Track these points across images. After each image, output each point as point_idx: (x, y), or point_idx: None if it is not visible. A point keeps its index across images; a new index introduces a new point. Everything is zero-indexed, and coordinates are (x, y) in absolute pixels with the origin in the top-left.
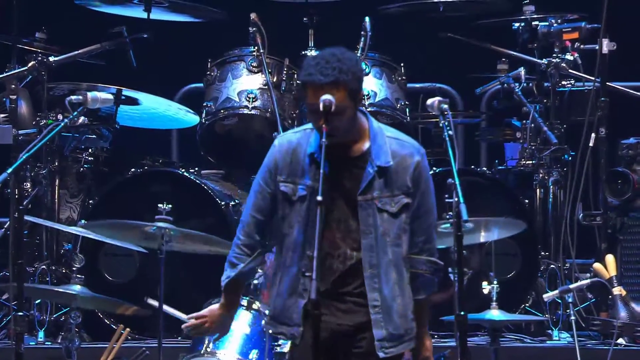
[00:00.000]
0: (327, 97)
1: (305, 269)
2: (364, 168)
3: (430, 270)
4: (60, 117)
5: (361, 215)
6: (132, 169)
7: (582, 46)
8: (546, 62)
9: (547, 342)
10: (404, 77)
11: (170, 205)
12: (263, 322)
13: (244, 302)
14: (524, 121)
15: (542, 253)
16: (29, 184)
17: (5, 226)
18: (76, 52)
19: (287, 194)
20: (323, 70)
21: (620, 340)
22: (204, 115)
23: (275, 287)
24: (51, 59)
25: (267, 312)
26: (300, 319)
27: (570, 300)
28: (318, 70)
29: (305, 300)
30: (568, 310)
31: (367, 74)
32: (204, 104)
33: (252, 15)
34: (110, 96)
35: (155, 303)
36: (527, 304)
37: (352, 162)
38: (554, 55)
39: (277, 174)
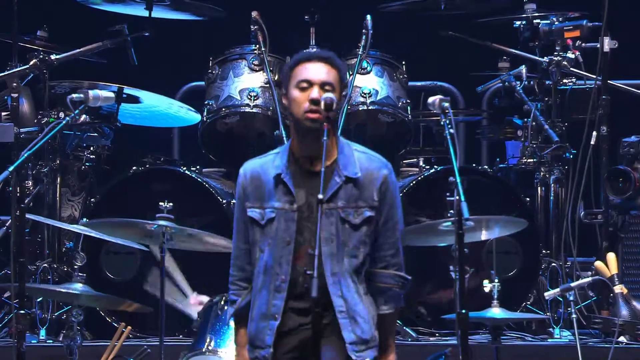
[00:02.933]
0: (329, 95)
1: (277, 290)
2: (329, 179)
3: (398, 284)
4: (61, 115)
5: (324, 222)
6: (134, 167)
7: (583, 44)
8: (547, 60)
9: (549, 340)
10: (405, 75)
11: (171, 204)
12: None
13: None
14: (525, 119)
15: (544, 251)
16: (30, 182)
17: (7, 224)
18: (77, 50)
19: (255, 220)
20: (321, 51)
21: (622, 339)
22: (205, 113)
23: (249, 313)
24: (52, 57)
25: None
26: (272, 340)
27: (571, 298)
28: (315, 51)
29: (276, 322)
30: (569, 309)
31: (368, 72)
32: (205, 102)
33: (254, 14)
34: (112, 94)
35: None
36: (529, 302)
37: (317, 175)
38: (555, 53)
39: (245, 201)
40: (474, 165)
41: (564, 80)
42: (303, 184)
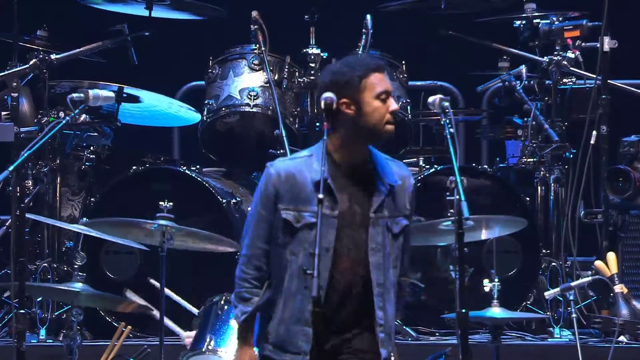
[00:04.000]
0: (328, 94)
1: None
2: (373, 186)
3: (411, 292)
4: (61, 114)
5: (371, 232)
6: (134, 167)
7: (583, 44)
8: (547, 60)
9: (549, 339)
10: (405, 75)
11: (171, 203)
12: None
13: None
14: (525, 119)
15: (544, 251)
16: (30, 182)
17: (7, 224)
18: (77, 50)
19: (289, 222)
20: (379, 59)
21: (622, 338)
22: (205, 113)
23: (275, 314)
24: (53, 56)
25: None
26: (309, 348)
27: (571, 297)
28: (375, 59)
29: (311, 329)
30: (569, 308)
31: None
32: (206, 102)
33: (254, 13)
34: (112, 94)
35: (156, 284)
36: (529, 302)
37: (362, 180)
38: (555, 53)
39: (277, 202)
40: (474, 164)
41: (564, 80)
42: (344, 190)
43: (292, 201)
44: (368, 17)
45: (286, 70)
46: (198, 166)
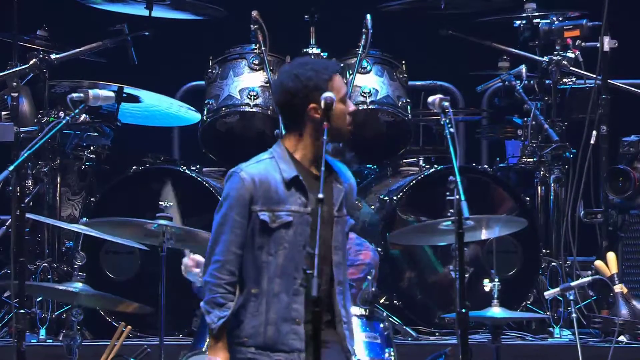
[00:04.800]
0: (329, 94)
1: (296, 294)
2: (332, 185)
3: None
4: (61, 114)
5: (335, 231)
6: (134, 167)
7: (583, 44)
8: (547, 60)
9: (549, 339)
10: (405, 75)
11: (171, 203)
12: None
13: None
14: (525, 119)
15: (544, 250)
16: (30, 182)
17: (7, 224)
18: (77, 49)
19: (265, 222)
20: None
21: (622, 338)
22: (205, 112)
23: (258, 316)
24: (52, 56)
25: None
26: (302, 345)
27: (571, 297)
28: (328, 61)
29: (301, 327)
30: (569, 308)
31: (368, 72)
32: (206, 102)
33: (254, 13)
34: (112, 94)
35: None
36: (529, 302)
37: (325, 181)
38: (555, 52)
39: (252, 205)
40: (474, 164)
41: (564, 80)
42: (312, 189)
43: (267, 203)
44: (368, 17)
45: None
46: (198, 166)
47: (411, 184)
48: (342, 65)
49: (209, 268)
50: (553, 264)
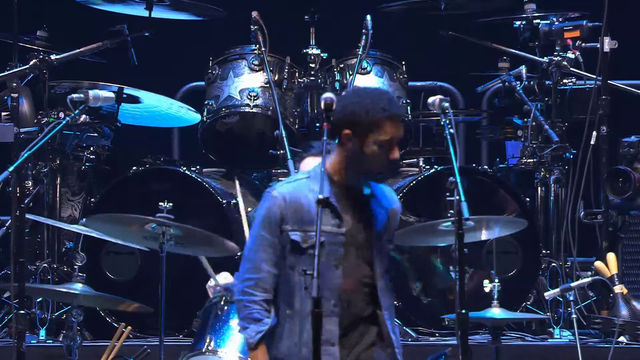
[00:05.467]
0: (329, 95)
1: (329, 315)
2: (373, 211)
3: None
4: (61, 115)
5: (377, 257)
6: (134, 167)
7: (583, 44)
8: (547, 60)
9: (549, 340)
10: (405, 75)
11: (171, 204)
12: None
13: None
14: (525, 119)
15: (544, 251)
16: (30, 182)
17: (7, 224)
18: (77, 50)
19: (297, 242)
20: (397, 104)
21: (622, 339)
22: (205, 113)
23: (292, 337)
24: (52, 57)
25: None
26: None
27: (571, 298)
28: (395, 105)
29: (335, 348)
30: (569, 309)
31: (368, 72)
32: (205, 102)
33: (254, 14)
34: (112, 94)
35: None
36: (529, 302)
37: (358, 203)
38: (555, 53)
39: (283, 225)
40: (474, 165)
41: (564, 80)
42: (348, 212)
43: (298, 222)
44: (368, 17)
45: (286, 70)
46: (198, 166)
47: (411, 184)
48: (401, 110)
49: (241, 286)
50: (553, 264)
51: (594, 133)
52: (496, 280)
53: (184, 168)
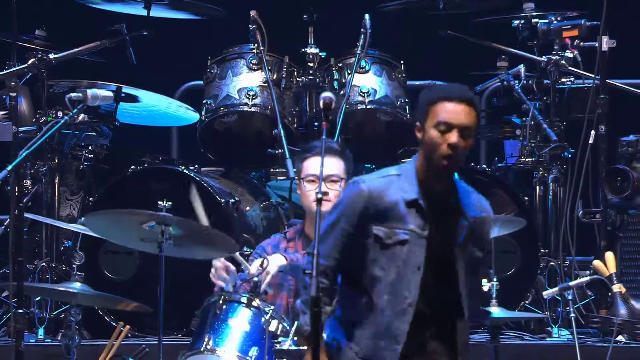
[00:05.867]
0: (327, 94)
1: (402, 314)
2: (456, 219)
3: (484, 318)
4: (60, 114)
5: (458, 266)
6: (132, 167)
7: (581, 43)
8: (546, 60)
9: (547, 339)
10: (403, 75)
11: (170, 203)
12: (263, 319)
13: (244, 299)
14: (524, 118)
15: (542, 250)
16: (28, 182)
17: (5, 224)
18: (76, 49)
19: (380, 238)
20: (463, 89)
21: (620, 338)
22: (203, 112)
23: (363, 329)
24: (51, 56)
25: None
26: None
27: (569, 297)
28: (457, 89)
29: (400, 346)
30: (568, 308)
31: (367, 72)
32: (204, 102)
33: (252, 13)
34: (110, 93)
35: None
36: (527, 302)
37: (446, 212)
38: (554, 52)
39: (365, 218)
40: (472, 164)
41: (563, 80)
42: (432, 216)
43: (383, 218)
44: (367, 16)
45: (285, 69)
46: (196, 166)
47: None
48: (468, 93)
49: (310, 266)
50: (551, 263)
51: (593, 132)
52: (494, 280)
53: (183, 167)
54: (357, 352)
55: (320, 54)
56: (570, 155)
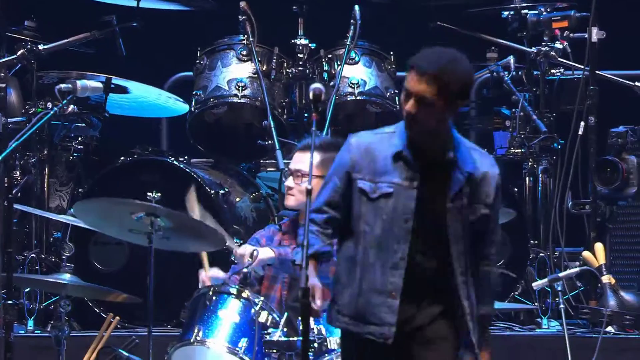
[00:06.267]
0: (317, 85)
1: (394, 267)
2: (451, 174)
3: (500, 283)
4: (49, 105)
5: (451, 221)
6: (122, 158)
7: (571, 34)
8: (535, 51)
9: (537, 330)
10: (393, 66)
11: (159, 194)
12: (252, 310)
13: (233, 291)
14: (514, 110)
15: (532, 241)
16: (18, 173)
17: None
18: (65, 40)
19: (365, 191)
20: (432, 60)
21: (609, 329)
22: (193, 104)
23: (352, 286)
24: (40, 47)
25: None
26: (394, 319)
27: (559, 288)
28: (427, 58)
29: (397, 301)
30: (557, 299)
31: (356, 63)
32: (194, 93)
33: (242, 4)
34: (100, 84)
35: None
36: (517, 293)
37: (440, 168)
38: (544, 43)
39: (354, 172)
40: None
41: (552, 71)
42: (424, 171)
43: (369, 172)
44: (356, 7)
45: (274, 61)
46: (186, 157)
47: None
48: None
49: (311, 215)
50: (541, 254)
51: (582, 123)
52: None
53: (172, 158)
54: (339, 310)
55: (310, 45)
56: (559, 147)
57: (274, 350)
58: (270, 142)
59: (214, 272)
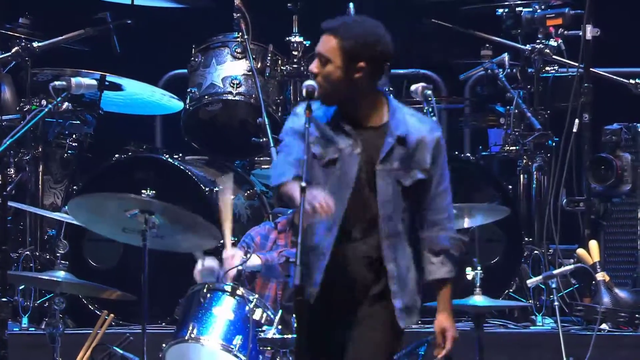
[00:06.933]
0: (310, 82)
1: (329, 229)
2: (382, 138)
3: (455, 247)
4: (43, 102)
5: (380, 185)
6: (116, 155)
7: (565, 32)
8: (530, 48)
9: (531, 327)
10: (387, 63)
11: (154, 191)
12: (247, 308)
13: (228, 288)
14: (508, 107)
15: (526, 239)
16: (12, 170)
17: None
18: (60, 37)
19: (317, 156)
20: (335, 20)
21: (604, 326)
22: (187, 101)
23: (303, 242)
24: (35, 44)
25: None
26: (320, 279)
27: (553, 285)
28: (334, 20)
29: (325, 262)
30: (552, 296)
31: None
32: (188, 90)
33: (237, 1)
34: (94, 82)
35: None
36: (511, 290)
37: (371, 132)
38: (538, 41)
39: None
40: (456, 152)
41: (547, 68)
42: (358, 132)
43: (320, 137)
44: (351, 5)
45: (269, 58)
46: (180, 154)
47: None
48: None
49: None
50: (535, 252)
51: (577, 121)
52: (478, 268)
53: (167, 156)
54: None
55: (304, 42)
56: (554, 144)
57: (268, 348)
58: (264, 139)
59: (209, 262)
